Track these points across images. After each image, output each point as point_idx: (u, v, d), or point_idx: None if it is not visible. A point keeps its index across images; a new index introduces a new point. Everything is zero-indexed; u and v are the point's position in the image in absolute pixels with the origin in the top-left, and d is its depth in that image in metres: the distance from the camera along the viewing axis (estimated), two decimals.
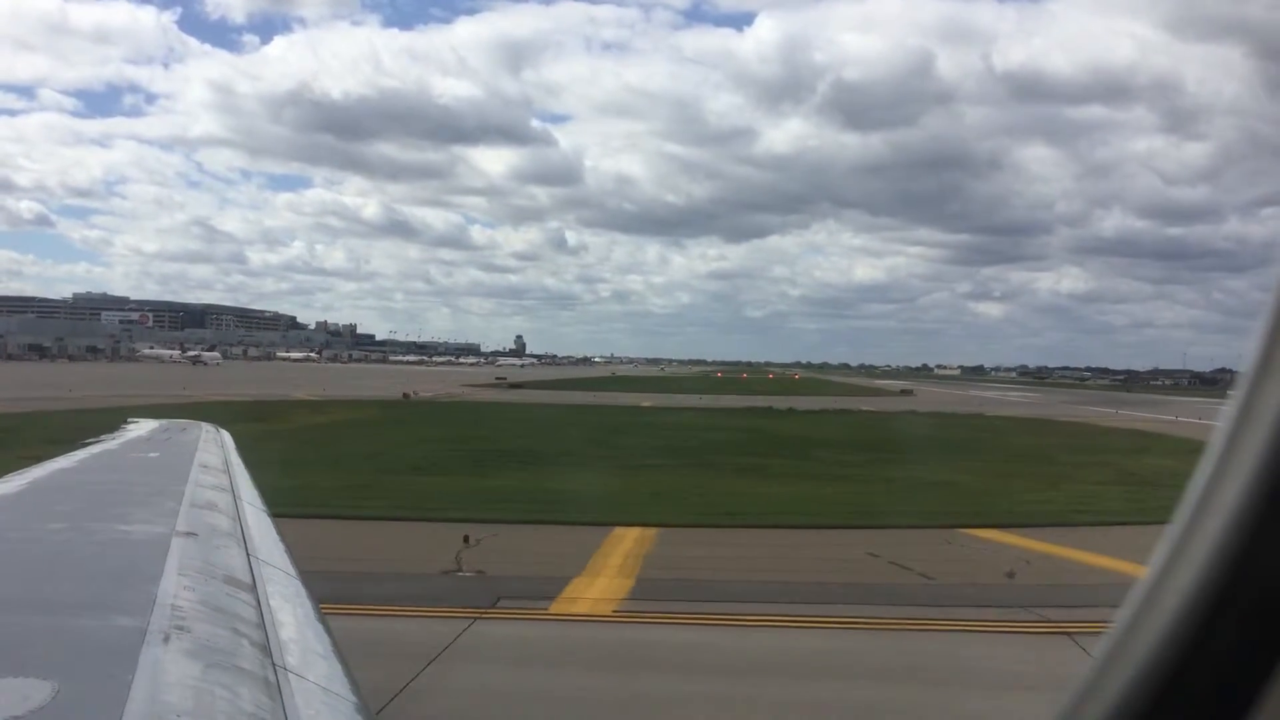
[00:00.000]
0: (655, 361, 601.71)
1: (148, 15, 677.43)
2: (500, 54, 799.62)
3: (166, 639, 3.01)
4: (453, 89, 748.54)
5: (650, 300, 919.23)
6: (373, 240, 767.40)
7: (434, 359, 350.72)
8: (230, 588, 3.89)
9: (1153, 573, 1.39)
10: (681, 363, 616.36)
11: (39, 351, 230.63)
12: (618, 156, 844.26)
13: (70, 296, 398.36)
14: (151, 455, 8.67)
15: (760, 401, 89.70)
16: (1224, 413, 1.35)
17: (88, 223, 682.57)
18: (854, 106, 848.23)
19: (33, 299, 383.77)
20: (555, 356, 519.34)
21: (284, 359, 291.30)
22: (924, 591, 18.23)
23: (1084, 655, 12.90)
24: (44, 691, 2.46)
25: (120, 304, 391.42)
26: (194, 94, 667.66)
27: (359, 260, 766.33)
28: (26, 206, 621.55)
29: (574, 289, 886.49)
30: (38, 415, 49.42)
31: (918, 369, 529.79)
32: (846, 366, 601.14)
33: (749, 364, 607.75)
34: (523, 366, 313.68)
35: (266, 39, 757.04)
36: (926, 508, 27.51)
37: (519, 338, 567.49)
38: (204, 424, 11.00)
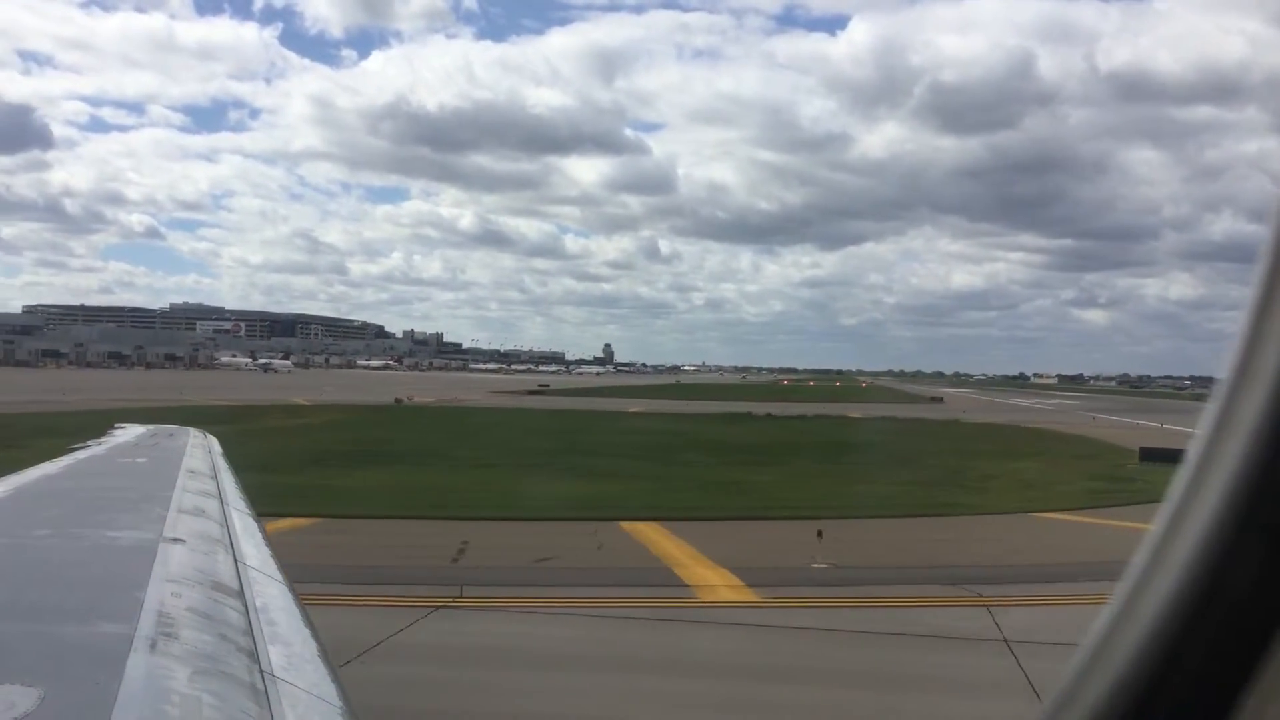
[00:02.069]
0: (745, 370, 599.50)
1: (250, 32, 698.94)
2: (592, 63, 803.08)
3: (153, 645, 3.02)
4: (546, 99, 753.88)
5: (743, 309, 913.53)
6: (468, 250, 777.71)
7: (512, 367, 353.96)
8: (217, 594, 3.92)
9: (1130, 581, 1.37)
10: (771, 371, 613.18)
11: (118, 359, 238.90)
12: (710, 164, 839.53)
13: (168, 306, 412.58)
14: (139, 461, 8.70)
15: (765, 408, 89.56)
16: (1201, 421, 1.35)
17: (195, 235, 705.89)
18: (951, 109, 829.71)
19: (133, 309, 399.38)
20: (641, 365, 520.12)
21: (364, 367, 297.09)
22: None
23: None
24: (30, 698, 2.47)
25: (216, 314, 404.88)
26: (295, 108, 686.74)
27: (455, 270, 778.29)
28: (137, 220, 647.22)
29: (667, 297, 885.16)
30: (29, 415, 53.52)
31: (1014, 378, 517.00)
32: (940, 375, 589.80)
33: (839, 372, 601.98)
34: (598, 374, 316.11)
35: (364, 53, 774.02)
36: (630, 502, 27.89)
37: (607, 346, 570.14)
38: (191, 430, 10.98)
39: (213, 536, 5.14)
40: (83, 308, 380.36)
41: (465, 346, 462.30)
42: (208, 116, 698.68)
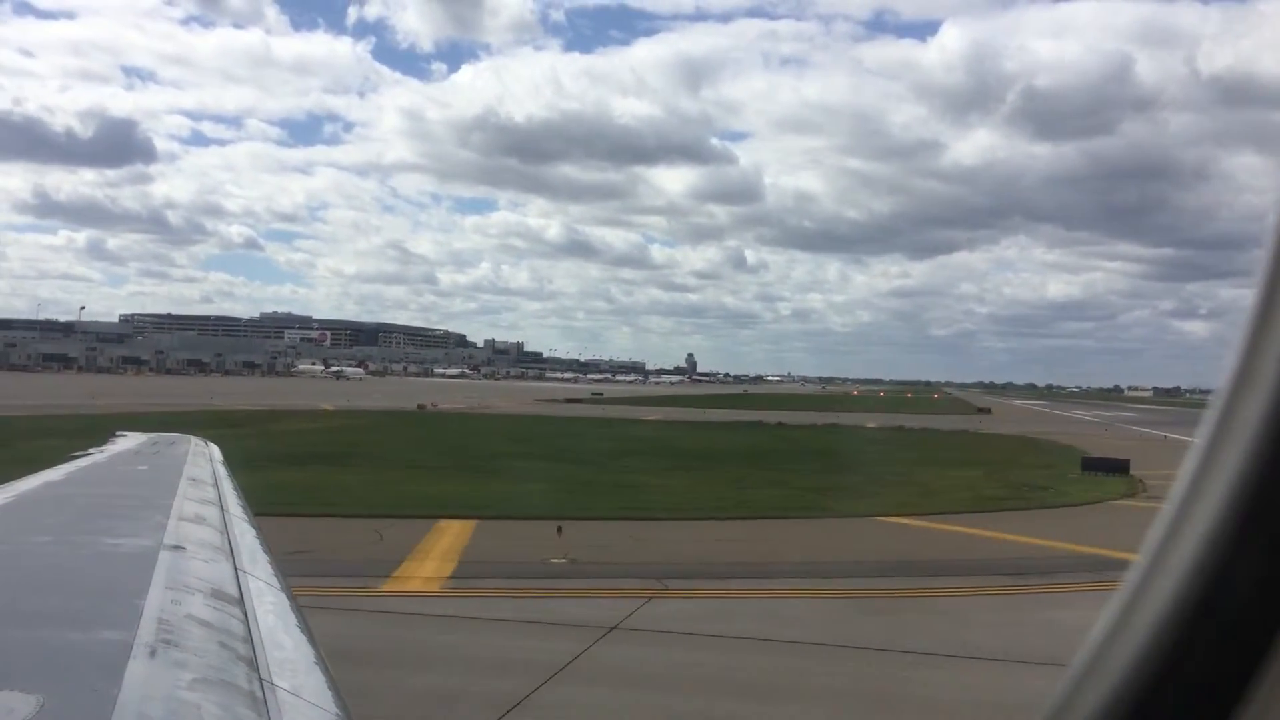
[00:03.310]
0: (828, 381, 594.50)
1: (344, 46, 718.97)
2: (679, 73, 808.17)
3: (153, 653, 3.02)
4: (632, 109, 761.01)
5: (830, 319, 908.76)
6: (555, 260, 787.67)
7: (588, 376, 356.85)
8: (217, 601, 3.91)
9: (1129, 585, 1.36)
10: (856, 382, 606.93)
11: (198, 366, 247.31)
12: (797, 173, 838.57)
13: (258, 315, 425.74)
14: (140, 468, 8.76)
15: (796, 418, 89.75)
16: (1202, 425, 1.34)
17: (292, 246, 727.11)
18: (1046, 115, 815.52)
19: (225, 318, 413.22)
20: (723, 375, 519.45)
21: (440, 375, 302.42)
22: None
23: None
24: (29, 705, 2.46)
25: (303, 323, 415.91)
26: (387, 122, 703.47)
27: (542, 280, 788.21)
28: (236, 231, 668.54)
29: (753, 307, 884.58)
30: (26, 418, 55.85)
31: (1109, 390, 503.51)
32: (1033, 387, 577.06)
33: (928, 384, 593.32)
34: (672, 384, 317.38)
35: (454, 67, 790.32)
36: (481, 501, 28.59)
37: (690, 356, 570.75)
38: (192, 437, 11.12)
39: (213, 544, 5.14)
40: (170, 316, 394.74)
41: (546, 356, 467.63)
42: (303, 130, 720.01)
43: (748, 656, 14.19)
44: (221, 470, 8.41)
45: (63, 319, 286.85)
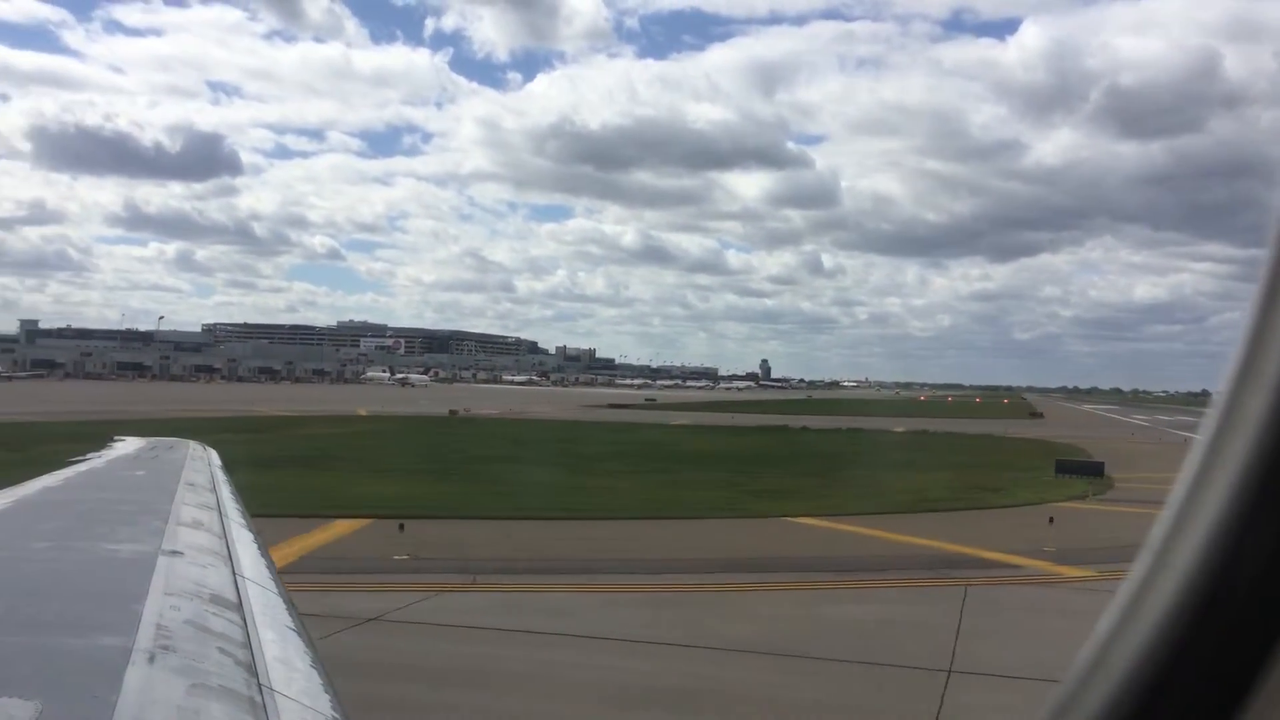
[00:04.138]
0: (907, 386, 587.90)
1: (422, 58, 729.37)
2: (753, 77, 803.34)
3: (151, 658, 3.03)
4: (707, 114, 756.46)
5: (909, 323, 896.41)
6: (631, 267, 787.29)
7: (658, 383, 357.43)
8: (216, 607, 3.93)
9: (1134, 582, 1.36)
10: (934, 387, 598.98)
11: (269, 374, 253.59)
12: (875, 176, 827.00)
13: (335, 324, 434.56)
14: (138, 473, 8.77)
15: (835, 423, 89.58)
16: (1205, 421, 1.35)
17: (372, 256, 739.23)
18: (1130, 113, 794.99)
19: (300, 326, 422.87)
20: (797, 381, 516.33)
21: (509, 382, 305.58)
22: None
23: None
24: (28, 711, 2.47)
25: (378, 331, 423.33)
26: (465, 132, 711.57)
27: (618, 286, 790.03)
28: (319, 241, 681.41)
29: (830, 312, 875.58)
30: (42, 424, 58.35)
31: (1197, 395, 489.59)
32: (1118, 392, 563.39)
33: (1009, 389, 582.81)
34: (739, 389, 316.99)
35: (529, 76, 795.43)
36: (407, 501, 29.13)
37: (764, 362, 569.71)
38: (191, 442, 11.15)
39: (211, 549, 5.14)
40: (247, 325, 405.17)
41: (618, 362, 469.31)
42: (383, 141, 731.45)
43: (484, 647, 14.63)
44: (220, 475, 8.40)
45: (143, 328, 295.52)
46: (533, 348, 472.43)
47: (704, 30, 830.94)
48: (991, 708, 12.47)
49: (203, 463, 9.17)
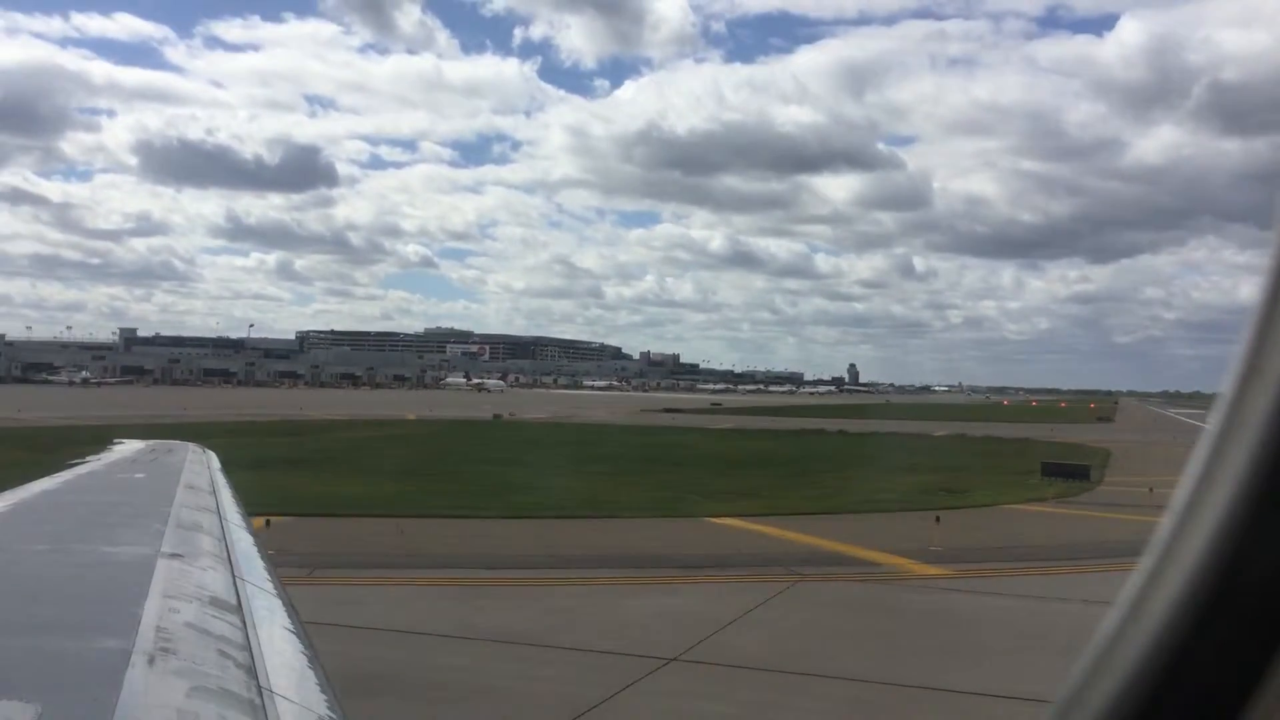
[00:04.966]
0: (1001, 390, 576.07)
1: (511, 68, 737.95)
2: (842, 79, 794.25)
3: (151, 661, 3.03)
4: (795, 117, 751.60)
5: (1005, 327, 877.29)
6: (719, 272, 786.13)
7: (739, 387, 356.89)
8: (215, 609, 3.93)
9: (1138, 580, 1.34)
10: (1030, 391, 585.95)
11: (350, 380, 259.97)
12: (968, 176, 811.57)
13: (422, 331, 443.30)
14: (137, 476, 8.74)
15: (883, 426, 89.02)
16: (1210, 417, 1.34)
17: (464, 263, 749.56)
18: (1235, 109, 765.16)
19: (387, 333, 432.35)
20: (887, 386, 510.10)
21: (589, 387, 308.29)
22: None
23: None
24: (28, 714, 2.49)
25: (464, 337, 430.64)
26: (554, 139, 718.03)
27: (706, 292, 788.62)
28: (413, 250, 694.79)
29: (922, 316, 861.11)
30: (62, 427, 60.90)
31: None
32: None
33: (1108, 393, 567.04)
34: (820, 394, 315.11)
35: (617, 83, 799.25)
36: (364, 504, 30.02)
37: (851, 366, 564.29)
38: (190, 444, 11.21)
39: (211, 552, 5.14)
40: (335, 332, 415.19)
41: (701, 368, 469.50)
42: (473, 151, 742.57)
43: None
44: (220, 478, 8.45)
45: (233, 336, 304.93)
46: (616, 353, 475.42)
47: (791, 32, 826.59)
48: (667, 692, 12.85)
49: (202, 465, 9.22)
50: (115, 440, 11.44)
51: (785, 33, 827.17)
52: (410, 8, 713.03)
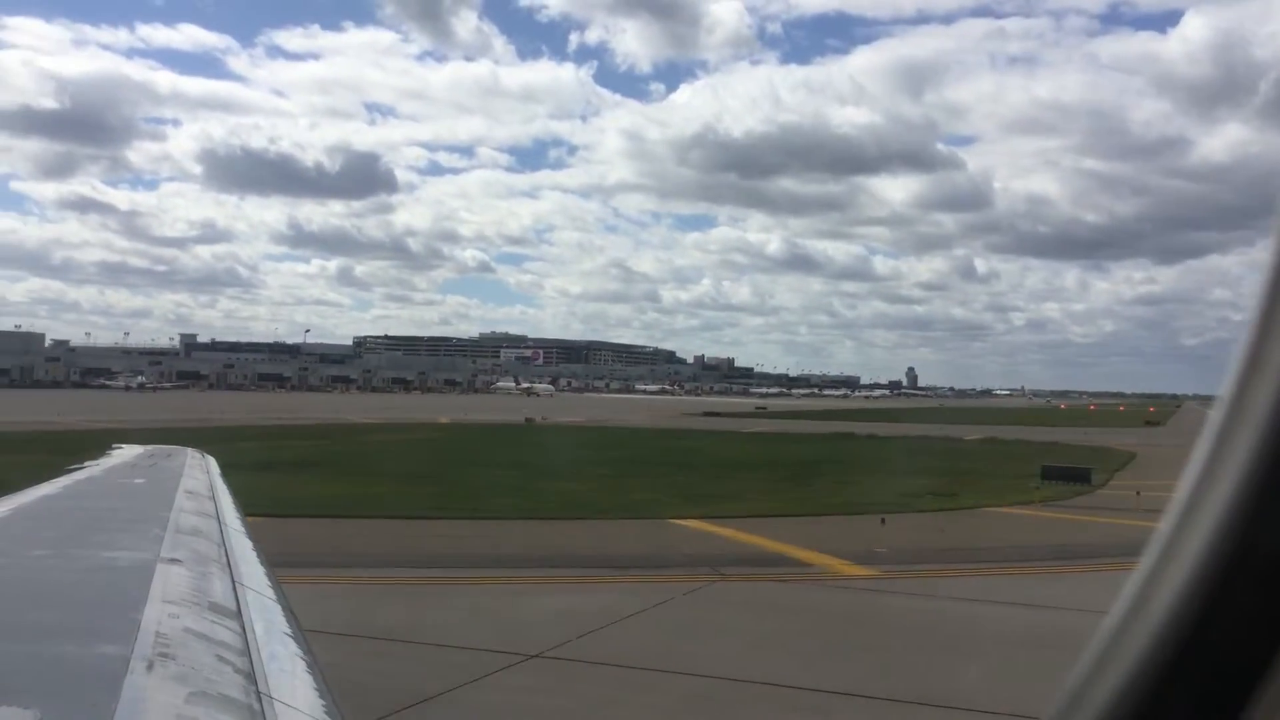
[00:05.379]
0: (1064, 394, 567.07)
1: (567, 72, 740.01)
2: (900, 79, 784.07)
3: (150, 666, 3.02)
4: (852, 118, 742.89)
5: (1069, 329, 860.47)
6: (776, 275, 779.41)
7: (793, 391, 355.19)
8: (215, 614, 3.92)
9: (1141, 575, 1.35)
10: (1094, 395, 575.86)
11: (402, 384, 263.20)
12: (1029, 176, 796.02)
13: (477, 335, 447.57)
14: (137, 481, 8.74)
15: (926, 430, 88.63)
16: (1212, 412, 1.33)
17: (521, 268, 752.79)
18: None
19: (445, 339, 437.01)
20: (946, 389, 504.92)
21: (641, 391, 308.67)
22: None
23: None
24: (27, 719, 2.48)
25: (518, 342, 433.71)
26: (609, 144, 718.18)
27: (763, 295, 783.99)
28: (470, 255, 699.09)
29: (983, 319, 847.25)
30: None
31: None
32: None
33: (1174, 397, 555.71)
34: (875, 398, 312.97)
35: (672, 86, 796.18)
36: (334, 505, 30.36)
37: (910, 370, 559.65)
38: (189, 450, 11.13)
39: (210, 557, 5.14)
40: (386, 337, 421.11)
41: (757, 371, 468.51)
42: (530, 156, 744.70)
43: None
44: (219, 483, 8.44)
45: (291, 341, 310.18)
46: (670, 357, 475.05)
47: (848, 33, 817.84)
48: (509, 688, 12.95)
49: (201, 471, 9.20)
50: (115, 445, 11.49)
51: (842, 33, 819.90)
52: (467, 15, 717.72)
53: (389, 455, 52.44)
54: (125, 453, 10.85)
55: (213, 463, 9.84)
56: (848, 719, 12.34)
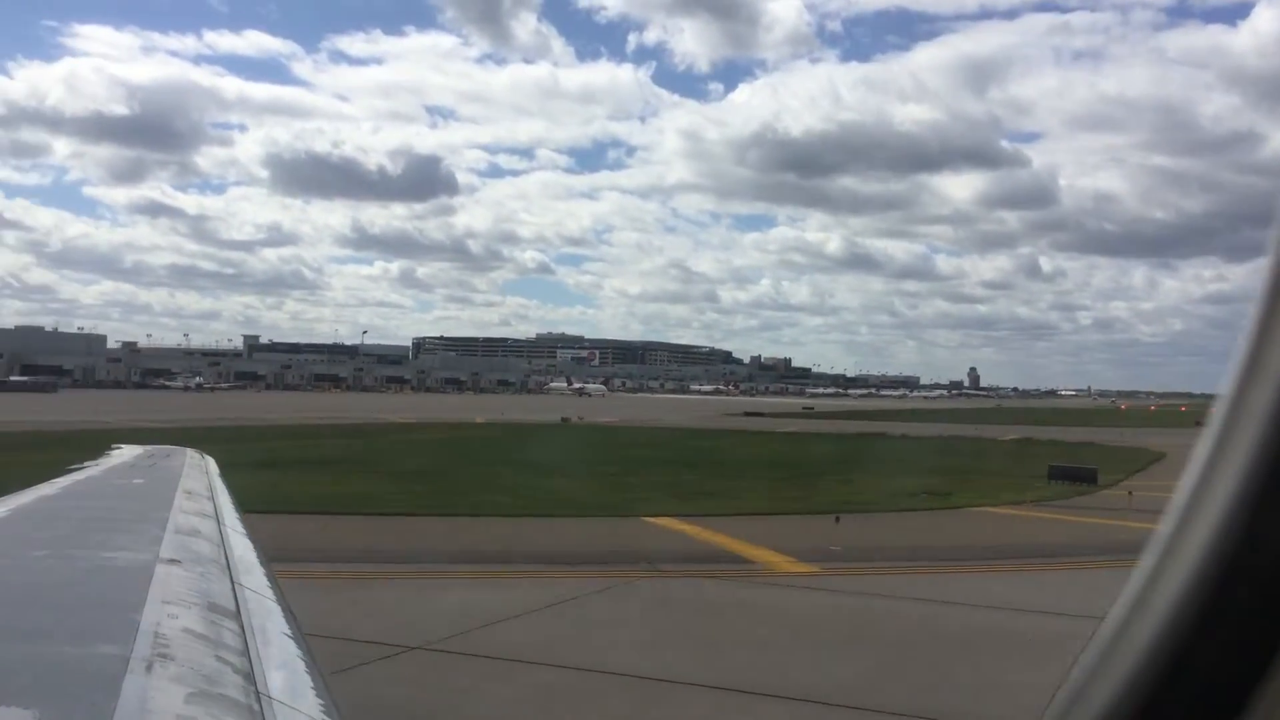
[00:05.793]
0: (1131, 395, 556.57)
1: (626, 73, 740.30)
2: (963, 75, 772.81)
3: (150, 667, 3.02)
4: (913, 115, 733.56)
5: (1136, 329, 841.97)
6: (835, 275, 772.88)
7: (849, 391, 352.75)
8: (214, 615, 3.93)
9: (1142, 575, 1.35)
10: (1162, 396, 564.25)
11: (455, 385, 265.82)
12: (1096, 173, 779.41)
13: (534, 336, 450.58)
14: (136, 482, 8.76)
15: (972, 431, 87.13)
16: (1212, 413, 1.34)
17: (580, 269, 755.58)
18: None
19: (501, 340, 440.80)
20: (1009, 390, 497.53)
21: (695, 392, 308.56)
22: None
23: None
24: None
25: (575, 343, 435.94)
26: (668, 144, 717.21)
27: (823, 295, 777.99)
28: (530, 256, 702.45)
29: (1049, 318, 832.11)
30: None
31: None
32: None
33: None
34: (925, 398, 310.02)
35: (731, 86, 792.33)
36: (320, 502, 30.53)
37: (972, 370, 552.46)
38: (189, 450, 11.16)
39: (209, 558, 5.14)
40: (442, 338, 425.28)
41: (815, 371, 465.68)
42: (589, 157, 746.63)
43: None
44: (218, 483, 8.49)
45: (350, 343, 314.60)
46: (726, 357, 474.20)
47: (909, 29, 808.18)
48: (370, 678, 13.08)
49: (200, 470, 9.24)
50: (113, 445, 11.54)
51: (903, 30, 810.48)
52: (527, 17, 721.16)
53: (403, 454, 52.99)
54: (124, 453, 10.89)
55: (211, 463, 9.90)
56: (676, 708, 12.35)
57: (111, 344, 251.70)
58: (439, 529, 26.51)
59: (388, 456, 50.79)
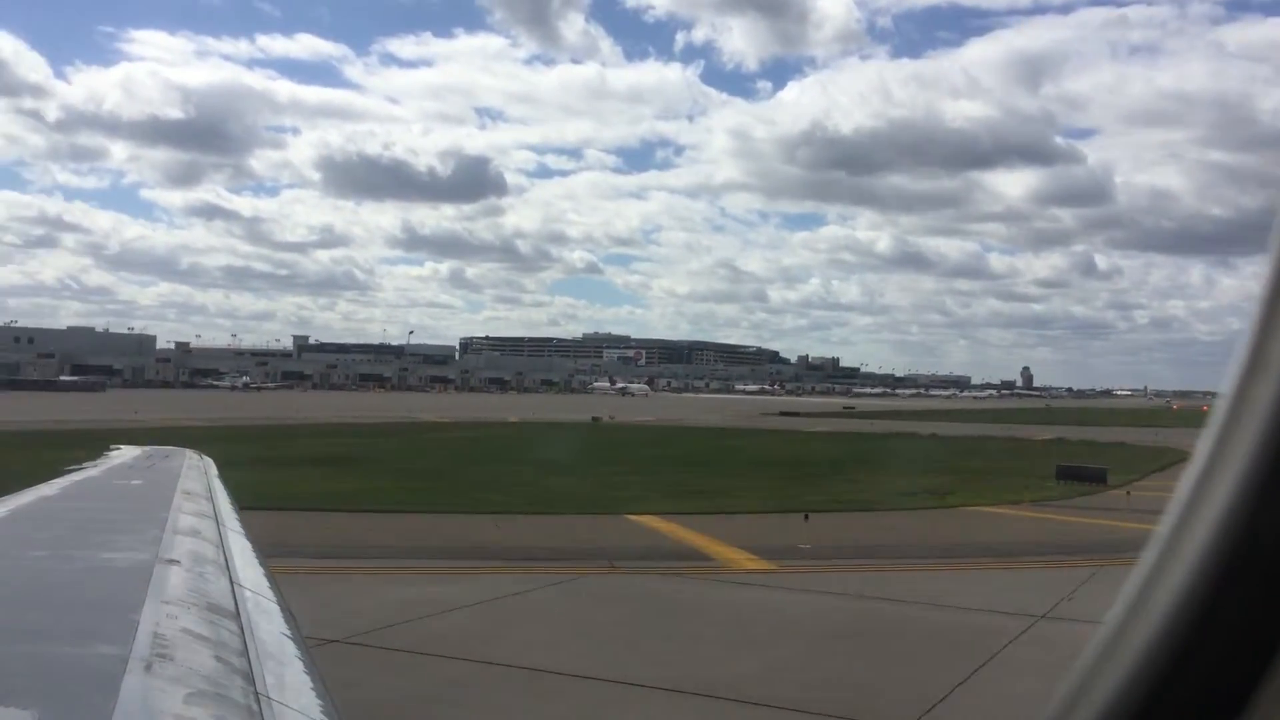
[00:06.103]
0: (1186, 395, 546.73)
1: (674, 73, 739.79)
2: (1016, 71, 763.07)
3: (149, 667, 3.03)
4: (965, 112, 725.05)
5: (1194, 328, 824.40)
6: (886, 274, 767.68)
7: (898, 391, 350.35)
8: (213, 615, 3.94)
9: (1142, 573, 1.35)
10: (1217, 396, 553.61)
11: (499, 384, 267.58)
12: (1152, 169, 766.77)
13: (581, 336, 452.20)
14: (134, 482, 8.80)
15: (1008, 431, 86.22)
16: (1214, 411, 1.33)
17: (628, 269, 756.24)
18: None
19: (547, 339, 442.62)
20: (1064, 390, 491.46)
21: (741, 391, 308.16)
22: None
23: None
24: None
25: (621, 342, 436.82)
26: (716, 143, 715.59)
27: (873, 294, 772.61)
28: (578, 256, 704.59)
29: (1105, 317, 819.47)
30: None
31: None
32: None
33: None
34: (975, 398, 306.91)
35: (779, 84, 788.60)
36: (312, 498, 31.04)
37: (1025, 369, 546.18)
38: (188, 450, 11.20)
39: (208, 558, 5.13)
40: (488, 338, 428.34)
41: (863, 371, 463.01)
42: (637, 157, 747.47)
43: None
44: (217, 484, 8.55)
45: (396, 343, 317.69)
46: (774, 357, 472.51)
47: (961, 25, 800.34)
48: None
49: (199, 471, 9.29)
50: (112, 446, 11.58)
51: (954, 25, 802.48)
52: (574, 18, 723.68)
53: (420, 453, 53.57)
54: (123, 454, 10.97)
55: (210, 464, 9.97)
56: (560, 702, 12.46)
57: (166, 345, 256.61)
58: (419, 526, 26.77)
59: (404, 456, 51.22)
